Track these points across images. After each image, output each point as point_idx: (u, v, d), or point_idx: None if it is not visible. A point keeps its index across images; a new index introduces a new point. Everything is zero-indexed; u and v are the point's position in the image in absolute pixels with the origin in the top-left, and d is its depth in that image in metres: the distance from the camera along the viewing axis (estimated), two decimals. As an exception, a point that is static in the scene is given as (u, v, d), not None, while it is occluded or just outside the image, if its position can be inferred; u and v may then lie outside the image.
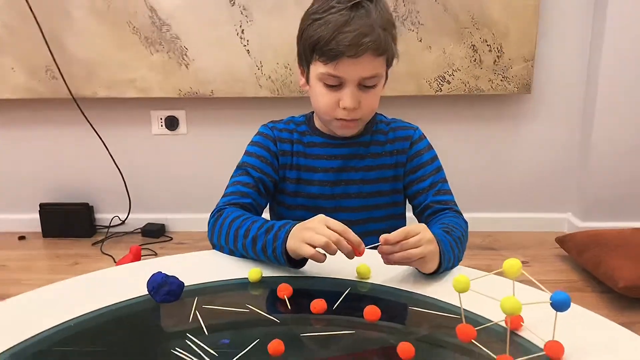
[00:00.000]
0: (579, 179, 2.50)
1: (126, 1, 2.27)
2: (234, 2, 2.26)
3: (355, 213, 1.08)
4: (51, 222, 2.57)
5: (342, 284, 0.82)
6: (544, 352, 0.62)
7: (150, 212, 2.62)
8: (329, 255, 0.80)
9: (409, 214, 1.12)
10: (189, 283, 0.83)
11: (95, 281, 0.85)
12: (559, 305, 0.59)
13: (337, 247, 0.78)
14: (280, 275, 0.86)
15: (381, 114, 1.12)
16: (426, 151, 1.08)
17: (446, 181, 1.07)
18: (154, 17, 2.27)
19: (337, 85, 0.94)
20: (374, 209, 1.08)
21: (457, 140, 2.48)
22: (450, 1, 2.24)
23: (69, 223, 2.55)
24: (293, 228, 0.84)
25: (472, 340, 0.65)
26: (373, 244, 0.81)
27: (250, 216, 0.94)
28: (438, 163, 1.08)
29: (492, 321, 0.69)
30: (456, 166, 2.15)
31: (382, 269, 0.83)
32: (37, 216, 2.56)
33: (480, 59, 2.30)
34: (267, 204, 1.08)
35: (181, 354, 0.63)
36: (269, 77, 2.32)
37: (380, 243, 0.79)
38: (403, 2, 2.25)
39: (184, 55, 2.31)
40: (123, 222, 2.61)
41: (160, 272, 0.79)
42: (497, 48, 2.29)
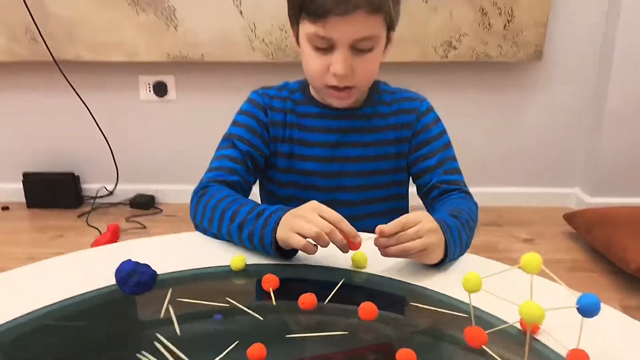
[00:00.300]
0: (589, 152, 2.42)
1: (109, -44, 2.13)
2: (225, -42, 2.13)
3: (353, 193, 0.99)
4: (35, 192, 2.49)
5: (335, 274, 0.75)
6: (567, 362, 0.55)
7: (140, 182, 2.55)
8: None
9: (413, 191, 1.04)
10: (164, 270, 0.75)
11: (63, 267, 0.77)
12: (587, 310, 0.51)
13: (330, 239, 0.70)
14: (266, 263, 0.78)
15: (386, 82, 1.03)
16: (434, 125, 0.99)
17: (455, 159, 0.99)
18: (140, -27, 2.14)
19: (328, 48, 0.85)
20: (375, 189, 1.00)
21: (461, 109, 2.38)
22: (459, -41, 2.11)
23: (54, 193, 2.48)
24: (284, 215, 0.76)
25: (483, 346, 0.57)
26: (370, 235, 0.73)
27: (238, 197, 0.86)
28: (447, 138, 0.99)
29: (507, 322, 0.62)
30: (459, 137, 2.05)
31: (379, 257, 0.75)
32: (21, 186, 2.49)
33: (490, 24, 2.18)
34: (256, 181, 1.00)
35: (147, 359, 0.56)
36: (263, 40, 2.20)
37: (376, 235, 0.71)
38: (408, -40, 2.12)
39: (172, 16, 2.19)
40: (111, 192, 2.54)
41: (130, 260, 0.71)
42: (508, 12, 2.17)
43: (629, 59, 2.22)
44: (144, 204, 2.48)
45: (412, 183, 1.03)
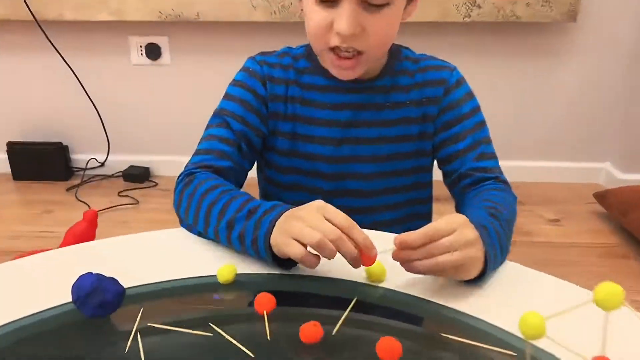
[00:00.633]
0: (623, 123, 2.27)
1: None
2: None
3: (367, 182, 0.86)
4: (21, 164, 2.38)
5: (346, 289, 0.62)
6: None
7: (133, 153, 2.43)
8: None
9: (437, 179, 0.90)
10: (136, 282, 0.62)
11: (13, 278, 0.64)
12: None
13: (337, 249, 0.57)
14: (260, 273, 0.65)
15: (409, 48, 0.88)
16: (466, 100, 0.85)
17: (490, 142, 0.85)
18: None
19: (333, 1, 0.71)
20: (393, 177, 0.87)
21: (483, 76, 2.22)
22: None
23: (41, 165, 2.36)
24: (282, 215, 0.62)
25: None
26: (384, 247, 0.59)
27: (229, 189, 0.73)
28: (480, 117, 0.86)
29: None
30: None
31: (401, 268, 0.62)
32: (6, 156, 2.37)
33: (519, -21, 1.99)
34: (252, 166, 0.86)
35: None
36: (265, -3, 2.03)
37: (395, 246, 0.58)
38: None
39: (164, -30, 2.01)
40: (102, 164, 2.42)
41: (91, 274, 0.58)
42: (540, -35, 1.98)
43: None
44: (138, 177, 2.36)
45: (436, 168, 0.90)
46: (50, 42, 2.15)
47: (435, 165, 0.90)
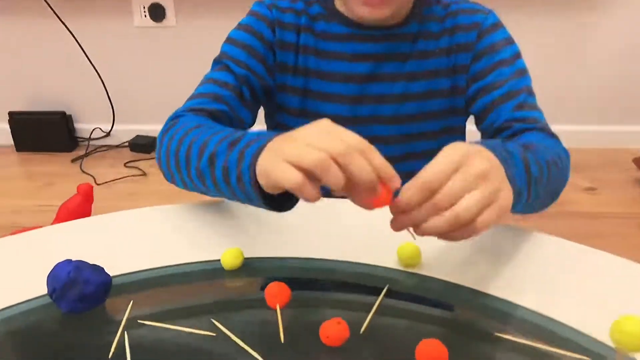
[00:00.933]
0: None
1: None
2: None
3: (390, 146, 0.76)
4: (24, 134, 2.32)
5: (375, 276, 0.52)
6: None
7: (139, 122, 2.35)
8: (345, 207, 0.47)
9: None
10: (125, 269, 0.54)
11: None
12: None
13: (346, 171, 0.42)
14: (272, 257, 0.56)
15: None
16: (503, 45, 0.74)
17: (532, 92, 0.74)
18: None
19: None
20: (420, 139, 0.77)
21: (517, 30, 2.07)
22: None
23: (44, 135, 2.30)
24: (273, 139, 0.48)
25: None
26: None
27: (215, 125, 0.63)
28: (521, 64, 0.75)
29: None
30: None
31: (437, 250, 0.52)
32: (7, 127, 2.31)
33: None
34: (252, 120, 0.76)
35: None
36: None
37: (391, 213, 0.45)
38: None
39: None
40: (107, 134, 2.34)
41: (69, 261, 0.49)
42: None
43: None
44: (145, 147, 2.29)
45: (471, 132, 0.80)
46: (47, 3, 2.06)
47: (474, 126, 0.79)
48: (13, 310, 0.49)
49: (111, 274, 0.51)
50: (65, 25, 2.12)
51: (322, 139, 0.43)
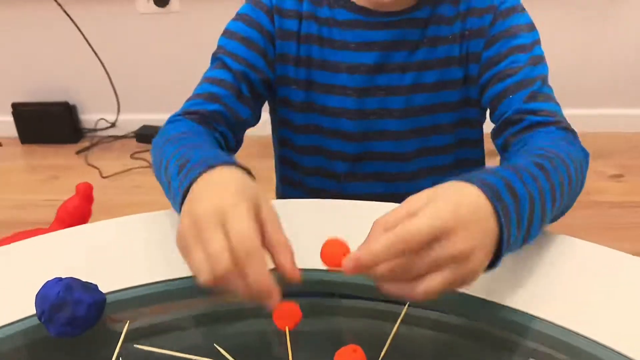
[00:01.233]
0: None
1: None
2: None
3: (400, 141, 0.73)
4: (28, 126, 2.31)
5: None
6: None
7: (145, 112, 2.32)
8: None
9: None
10: (122, 285, 0.50)
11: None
12: None
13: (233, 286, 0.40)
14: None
15: None
16: (520, 31, 0.68)
17: (547, 83, 0.68)
18: None
19: None
20: (433, 134, 0.73)
21: (538, 10, 2.01)
22: None
23: (48, 126, 2.28)
24: (193, 190, 0.46)
25: None
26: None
27: (193, 136, 0.61)
28: (539, 51, 0.69)
29: None
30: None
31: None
32: (11, 118, 2.30)
33: None
34: (254, 118, 0.73)
35: None
36: None
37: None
38: None
39: None
40: (112, 124, 2.32)
41: (59, 280, 0.46)
42: None
43: None
44: (151, 137, 2.21)
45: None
46: (47, -10, 2.03)
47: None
48: (10, 329, 0.46)
49: (105, 291, 0.48)
50: (66, 13, 2.09)
51: (210, 244, 0.40)
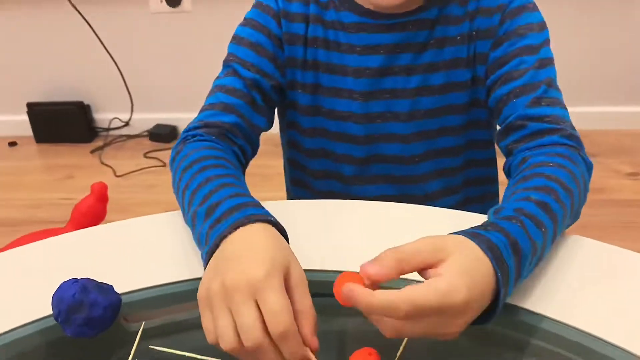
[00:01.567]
0: None
1: None
2: None
3: (407, 145, 0.72)
4: (42, 125, 2.32)
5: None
6: None
7: (158, 111, 2.34)
8: None
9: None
10: (138, 285, 0.51)
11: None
12: None
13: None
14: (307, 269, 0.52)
15: None
16: (530, 30, 0.66)
17: (555, 85, 0.66)
18: None
19: None
20: (440, 136, 0.72)
21: (552, 6, 1.99)
22: None
23: (62, 126, 2.30)
24: (218, 250, 0.46)
25: None
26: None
27: (213, 164, 0.58)
28: (547, 53, 0.67)
29: None
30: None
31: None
32: (27, 118, 2.32)
33: None
34: (269, 125, 0.73)
35: None
36: None
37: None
38: None
39: None
40: (126, 124, 2.34)
41: (75, 281, 0.46)
42: None
43: None
44: (165, 136, 2.28)
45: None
46: (60, -10, 2.04)
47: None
48: (16, 333, 0.46)
49: (121, 291, 0.48)
50: (80, 13, 2.10)
51: (243, 313, 0.40)
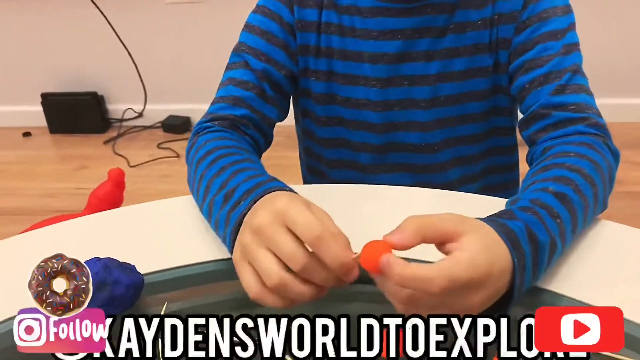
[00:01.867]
0: None
1: None
2: None
3: (426, 133, 0.70)
4: (56, 116, 2.34)
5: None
6: None
7: (172, 102, 2.34)
8: None
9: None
10: (158, 267, 0.50)
11: (12, 260, 0.53)
12: None
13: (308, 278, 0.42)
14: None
15: None
16: (554, 15, 0.64)
17: (581, 71, 0.64)
18: None
19: None
20: (461, 124, 0.70)
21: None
22: None
23: (76, 116, 2.31)
24: (244, 220, 0.47)
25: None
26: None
27: (227, 153, 0.58)
28: (573, 37, 0.65)
29: None
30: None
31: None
32: (41, 108, 2.33)
33: None
34: (283, 115, 0.72)
35: None
36: None
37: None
38: None
39: None
40: (140, 114, 2.34)
41: (97, 260, 0.46)
42: None
43: None
44: (178, 127, 2.28)
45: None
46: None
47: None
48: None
49: (143, 272, 0.48)
50: (95, 4, 2.09)
51: (281, 245, 0.41)
